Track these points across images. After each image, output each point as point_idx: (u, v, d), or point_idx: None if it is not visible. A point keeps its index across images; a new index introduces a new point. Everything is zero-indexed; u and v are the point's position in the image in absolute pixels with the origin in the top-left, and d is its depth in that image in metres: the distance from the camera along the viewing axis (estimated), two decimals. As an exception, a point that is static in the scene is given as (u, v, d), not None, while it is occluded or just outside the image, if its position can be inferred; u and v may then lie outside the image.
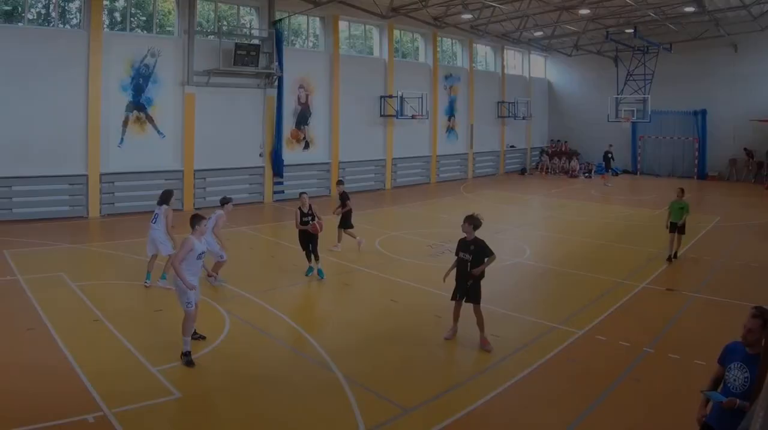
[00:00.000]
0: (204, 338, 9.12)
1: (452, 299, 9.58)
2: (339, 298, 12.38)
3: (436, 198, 27.70)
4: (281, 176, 25.27)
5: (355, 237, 15.89)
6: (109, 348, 8.93)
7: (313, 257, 13.18)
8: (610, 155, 33.90)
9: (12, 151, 18.89)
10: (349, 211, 15.84)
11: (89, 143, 20.43)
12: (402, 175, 31.12)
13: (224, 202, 12.59)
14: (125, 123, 21.37)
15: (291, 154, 25.96)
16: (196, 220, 8.71)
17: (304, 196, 13.35)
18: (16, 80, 18.96)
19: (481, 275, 9.31)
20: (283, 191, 25.44)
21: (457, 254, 9.51)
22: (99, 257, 15.12)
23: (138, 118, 21.67)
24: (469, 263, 9.24)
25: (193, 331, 8.69)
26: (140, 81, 21.58)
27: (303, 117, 26.61)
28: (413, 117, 29.49)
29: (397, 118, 29.49)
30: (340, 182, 16.86)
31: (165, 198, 12.23)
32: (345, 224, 15.85)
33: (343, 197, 15.76)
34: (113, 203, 21.12)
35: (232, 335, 8.63)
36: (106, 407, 6.98)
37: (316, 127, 27.16)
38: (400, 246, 16.83)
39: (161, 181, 21.65)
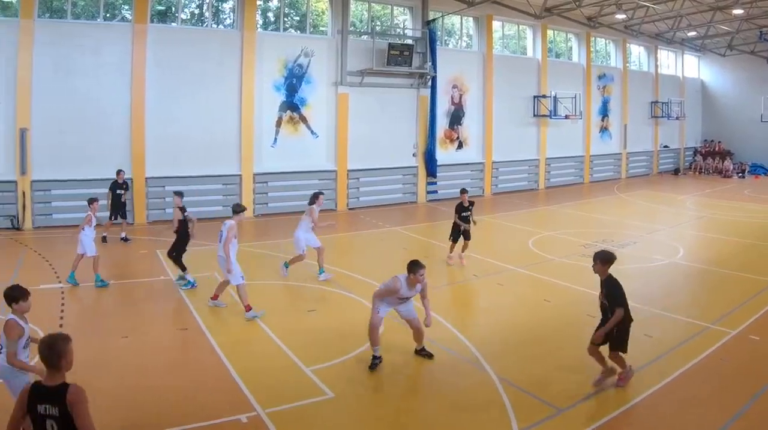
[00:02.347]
0: (431, 356, 6.82)
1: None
2: (492, 297, 9.76)
3: (589, 198, 21.61)
4: (435, 176, 19.60)
5: (451, 251, 11.72)
6: (262, 348, 7.26)
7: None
8: None
9: (166, 151, 15.04)
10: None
11: (243, 143, 16.07)
12: (555, 175, 24.14)
13: (237, 210, 8.71)
14: (278, 123, 16.77)
15: (444, 154, 20.25)
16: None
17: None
18: (170, 81, 15.11)
19: (623, 320, 5.78)
20: (436, 191, 19.77)
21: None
22: (251, 257, 11.65)
23: (291, 118, 16.97)
24: (607, 308, 5.88)
25: (376, 339, 6.49)
26: (293, 81, 16.86)
27: (456, 117, 20.74)
28: (567, 117, 22.85)
29: (550, 118, 22.86)
30: (464, 191, 12.04)
31: (311, 200, 10.62)
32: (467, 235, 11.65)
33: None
34: (266, 203, 16.63)
35: (386, 336, 6.98)
36: (260, 407, 5.48)
37: (470, 126, 21.12)
38: (553, 246, 13.47)
39: (314, 181, 16.97)
